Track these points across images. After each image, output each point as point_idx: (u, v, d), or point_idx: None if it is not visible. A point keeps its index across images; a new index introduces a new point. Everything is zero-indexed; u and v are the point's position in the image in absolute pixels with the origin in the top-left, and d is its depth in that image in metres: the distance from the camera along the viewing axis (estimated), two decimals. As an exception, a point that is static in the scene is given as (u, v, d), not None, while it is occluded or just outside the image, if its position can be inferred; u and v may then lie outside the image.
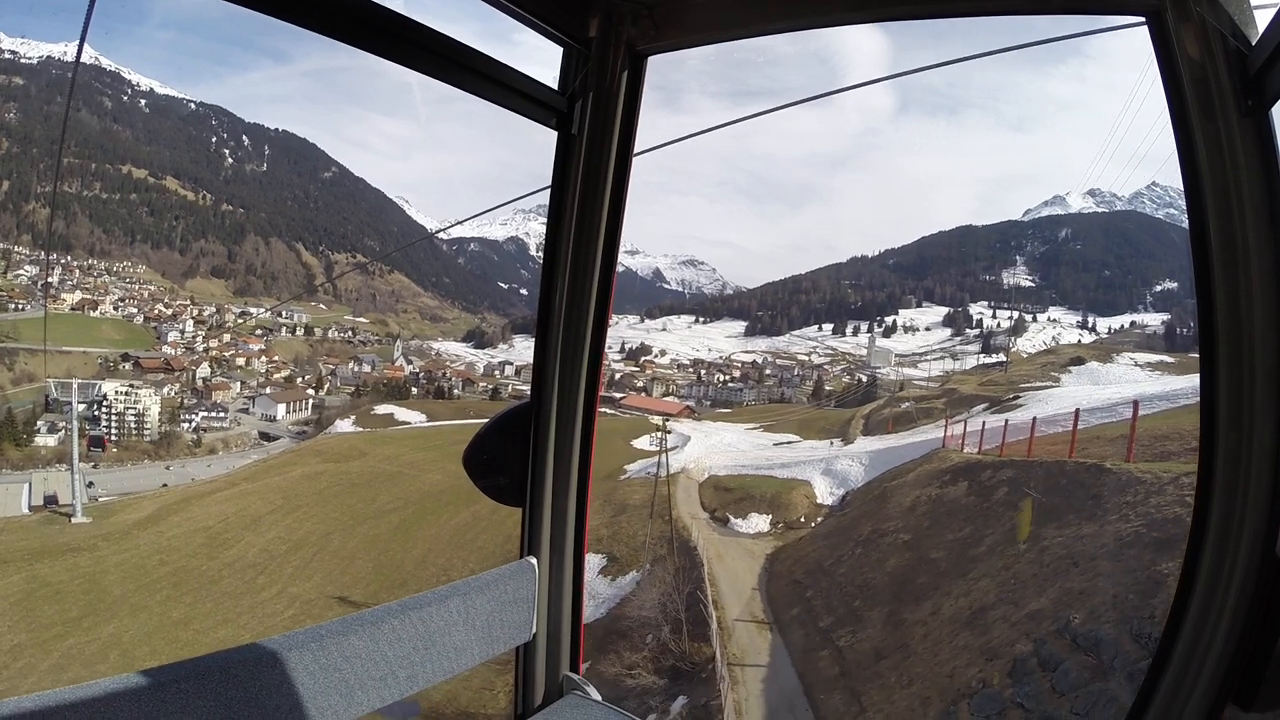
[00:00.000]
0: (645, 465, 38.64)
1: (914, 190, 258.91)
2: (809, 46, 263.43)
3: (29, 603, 27.78)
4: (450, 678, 2.11)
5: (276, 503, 39.22)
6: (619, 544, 27.60)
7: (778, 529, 26.16)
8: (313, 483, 42.53)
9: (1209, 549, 1.59)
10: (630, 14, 2.05)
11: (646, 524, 27.57)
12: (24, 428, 73.54)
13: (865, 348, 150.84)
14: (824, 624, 14.94)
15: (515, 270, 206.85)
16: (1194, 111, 1.46)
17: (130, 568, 31.76)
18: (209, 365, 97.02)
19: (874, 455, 29.88)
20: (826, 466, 30.14)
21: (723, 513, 28.22)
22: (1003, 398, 47.52)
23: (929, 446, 27.91)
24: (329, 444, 55.72)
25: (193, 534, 35.46)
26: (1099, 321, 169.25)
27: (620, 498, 33.13)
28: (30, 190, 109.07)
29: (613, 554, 26.88)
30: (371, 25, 1.63)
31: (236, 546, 34.07)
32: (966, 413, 42.56)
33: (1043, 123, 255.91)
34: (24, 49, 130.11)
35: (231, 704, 1.60)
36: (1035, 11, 1.67)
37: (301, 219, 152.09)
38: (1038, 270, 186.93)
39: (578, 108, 2.13)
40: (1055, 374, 77.65)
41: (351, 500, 38.97)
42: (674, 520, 26.76)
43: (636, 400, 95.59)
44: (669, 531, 25.76)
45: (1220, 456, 1.56)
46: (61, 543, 34.10)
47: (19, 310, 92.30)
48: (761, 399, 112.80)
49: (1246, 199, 1.44)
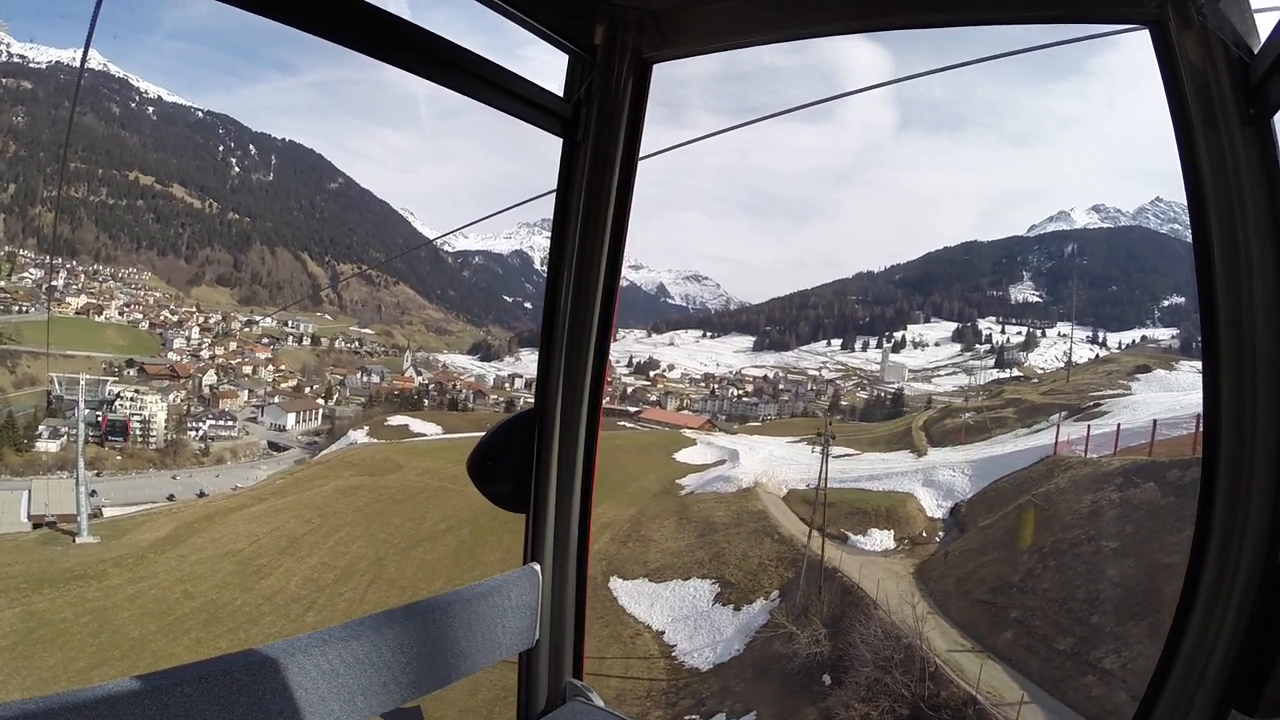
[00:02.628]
0: (703, 479, 36.79)
1: (917, 206, 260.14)
2: (810, 60, 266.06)
3: (25, 648, 22.88)
4: (452, 683, 2.06)
5: (313, 521, 35.53)
6: (727, 566, 25.70)
7: (904, 545, 24.26)
8: (350, 498, 39.13)
9: (1212, 556, 1.59)
10: (636, 22, 2.06)
11: (746, 543, 25.53)
12: (25, 432, 70.78)
13: (875, 363, 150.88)
14: (1063, 646, 12.99)
15: (520, 284, 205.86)
16: (1196, 120, 1.47)
17: (149, 602, 27.30)
18: (215, 373, 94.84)
19: (975, 465, 28.34)
20: (926, 478, 28.54)
21: (837, 529, 26.35)
22: (1081, 405, 46.17)
23: (1036, 454, 26.64)
24: (359, 455, 52.03)
25: (220, 559, 31.26)
26: (1108, 336, 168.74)
27: (699, 515, 31.20)
28: (36, 194, 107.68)
29: (723, 578, 24.98)
30: (379, 32, 1.65)
31: (274, 575, 30.09)
32: (1045, 421, 41.03)
33: (1045, 139, 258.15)
34: (32, 54, 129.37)
35: (234, 708, 1.60)
36: (1037, 21, 1.70)
37: (307, 229, 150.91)
38: (1044, 285, 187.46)
39: (583, 115, 2.13)
40: (1123, 382, 76.45)
41: (397, 519, 35.52)
42: (785, 538, 24.68)
43: (656, 414, 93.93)
44: (786, 552, 23.69)
45: (1223, 465, 1.56)
46: (64, 568, 29.14)
47: (23, 313, 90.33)
48: (783, 414, 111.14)
49: (1249, 206, 1.45)
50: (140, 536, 34.43)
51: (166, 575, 29.41)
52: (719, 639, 23.16)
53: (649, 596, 27.75)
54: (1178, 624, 1.65)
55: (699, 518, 30.62)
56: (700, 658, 23.85)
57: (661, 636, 25.87)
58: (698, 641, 24.44)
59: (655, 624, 26.56)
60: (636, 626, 26.58)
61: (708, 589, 25.69)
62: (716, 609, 24.25)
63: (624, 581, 29.12)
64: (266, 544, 32.64)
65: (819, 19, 1.92)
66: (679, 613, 26.29)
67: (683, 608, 26.45)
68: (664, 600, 27.24)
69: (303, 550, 32.06)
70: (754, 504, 28.28)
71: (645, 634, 26.22)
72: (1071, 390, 69.20)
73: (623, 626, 26.51)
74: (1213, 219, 1.48)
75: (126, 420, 64.75)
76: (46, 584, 27.44)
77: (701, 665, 23.46)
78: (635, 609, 27.37)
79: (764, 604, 23.51)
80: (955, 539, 23.13)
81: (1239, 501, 1.55)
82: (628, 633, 26.29)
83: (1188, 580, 1.65)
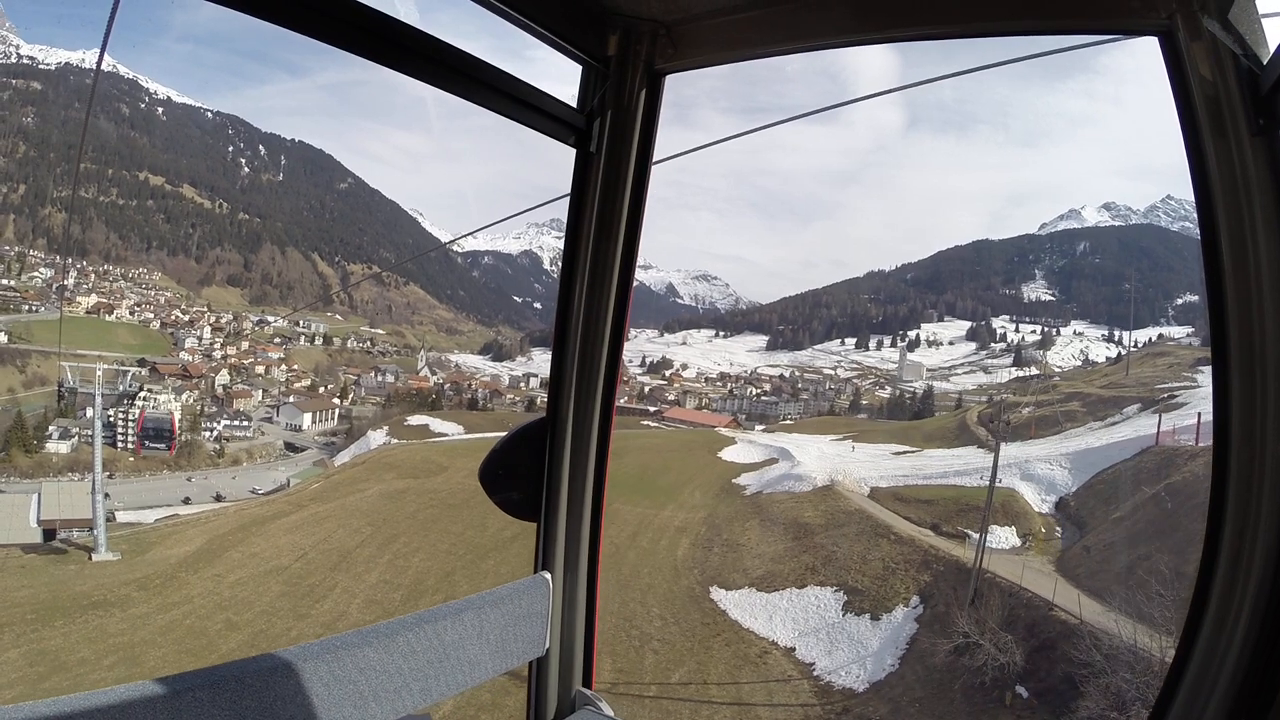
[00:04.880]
0: (764, 479, 35.13)
1: (926, 205, 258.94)
2: (819, 64, 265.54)
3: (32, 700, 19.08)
4: (463, 691, 2.07)
5: (363, 531, 32.24)
6: (847, 572, 23.84)
7: (1029, 541, 22.61)
8: (398, 503, 35.95)
9: (1223, 562, 1.59)
10: (649, 33, 2.08)
11: (857, 545, 23.79)
12: (35, 432, 69.11)
13: (891, 361, 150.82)
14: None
15: (529, 284, 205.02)
16: (1206, 129, 1.47)
17: (185, 635, 22.96)
18: (228, 372, 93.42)
19: (1070, 459, 26.91)
20: (1023, 472, 27.03)
21: (953, 527, 24.70)
22: (1156, 398, 44.96)
23: (1134, 445, 25.36)
24: (398, 457, 48.55)
25: (264, 579, 27.41)
26: (1124, 335, 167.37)
27: (783, 516, 29.29)
28: (47, 194, 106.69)
29: (847, 585, 23.06)
30: (393, 42, 1.67)
31: (331, 597, 26.25)
32: (1119, 414, 39.80)
33: (1052, 138, 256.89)
34: (43, 55, 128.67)
35: (245, 713, 1.61)
36: (1047, 32, 1.72)
37: (318, 229, 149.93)
38: (1057, 284, 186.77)
39: (596, 125, 2.15)
40: (1188, 374, 74.82)
41: (456, 526, 32.22)
42: (904, 538, 22.91)
43: (680, 413, 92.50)
44: (911, 554, 21.92)
45: (1233, 470, 1.56)
46: (80, 593, 24.78)
47: (33, 311, 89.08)
48: (809, 412, 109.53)
49: (1258, 216, 1.45)
50: (167, 552, 30.48)
51: (203, 601, 25.43)
52: (864, 653, 21.19)
53: (763, 608, 25.56)
54: (1189, 631, 1.64)
55: (785, 519, 28.65)
56: (849, 676, 21.74)
57: (793, 654, 23.64)
58: (839, 658, 22.30)
59: (781, 639, 24.35)
60: (760, 644, 24.26)
61: (831, 597, 23.80)
62: (850, 620, 22.31)
63: (728, 592, 26.87)
64: (315, 559, 29.09)
65: (829, 30, 1.91)
66: (806, 626, 24.11)
67: (808, 620, 24.28)
68: (782, 612, 25.05)
69: (358, 565, 28.65)
70: (844, 503, 26.44)
71: (773, 652, 23.95)
72: (1134, 384, 67.57)
73: (745, 644, 24.13)
74: (1222, 229, 1.47)
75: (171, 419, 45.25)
76: (59, 613, 22.97)
77: (854, 685, 21.35)
78: (752, 623, 25.09)
79: (906, 611, 21.68)
80: (1080, 534, 21.90)
81: (1250, 506, 1.53)
82: (753, 651, 23.95)
83: (1199, 586, 1.63)
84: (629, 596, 26.35)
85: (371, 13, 1.58)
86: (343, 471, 46.96)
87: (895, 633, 21.39)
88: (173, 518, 44.94)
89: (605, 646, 23.41)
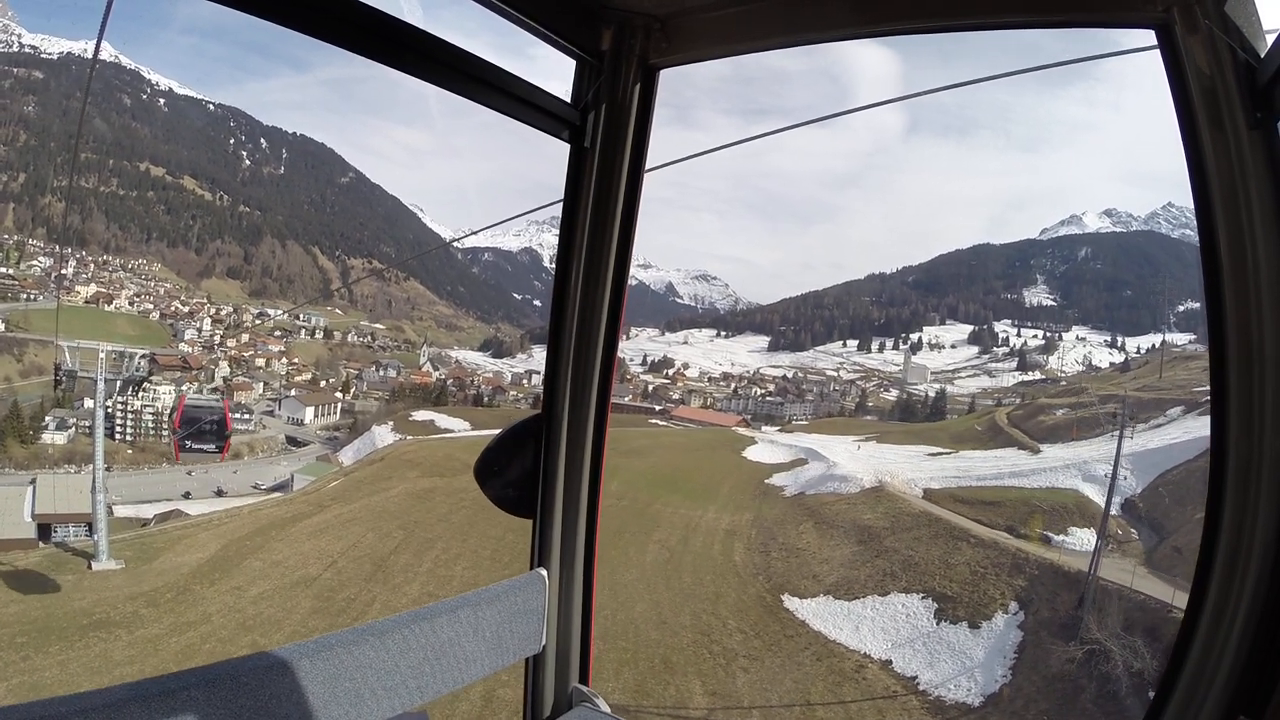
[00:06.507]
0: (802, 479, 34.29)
1: (927, 209, 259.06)
2: (818, 63, 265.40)
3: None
4: (459, 688, 2.03)
5: (395, 535, 29.74)
6: (931, 578, 22.69)
7: (1110, 543, 21.86)
8: (427, 504, 33.51)
9: (1220, 560, 1.60)
10: (643, 27, 2.07)
11: (935, 549, 22.77)
12: (31, 423, 67.83)
13: (893, 364, 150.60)
14: None
15: (529, 281, 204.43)
16: (1203, 123, 1.48)
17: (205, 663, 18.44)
18: (228, 365, 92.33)
19: (1132, 459, 26.18)
20: (1084, 473, 26.31)
21: (1030, 529, 23.94)
22: (1198, 400, 44.60)
23: (1195, 447, 24.68)
24: (418, 453, 45.97)
25: (291, 591, 24.41)
26: (1127, 341, 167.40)
27: (838, 518, 28.03)
28: (47, 183, 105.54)
29: (934, 591, 21.82)
30: (388, 38, 1.67)
31: (370, 613, 23.45)
32: (1162, 416, 39.43)
33: (1052, 143, 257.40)
34: (44, 44, 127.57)
35: (241, 712, 1.61)
36: (1043, 25, 1.72)
37: (318, 223, 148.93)
38: (1058, 289, 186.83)
39: (590, 120, 2.15)
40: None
41: (495, 529, 29.17)
42: (985, 542, 21.90)
43: (690, 412, 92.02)
44: (998, 557, 20.93)
45: (1231, 467, 1.56)
46: (79, 609, 21.25)
47: (31, 300, 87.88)
48: (817, 414, 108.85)
49: (1256, 210, 1.46)
50: (177, 559, 26.79)
51: (223, 620, 21.76)
52: (970, 664, 19.96)
53: (846, 617, 24.16)
54: (1186, 628, 1.64)
55: (842, 522, 27.52)
56: (959, 689, 20.39)
57: (890, 667, 22.22)
58: (943, 670, 20.94)
59: (874, 651, 22.86)
60: (853, 656, 22.81)
61: (920, 605, 22.52)
62: (946, 628, 21.13)
63: (803, 600, 25.41)
64: (347, 568, 26.15)
65: (825, 24, 1.90)
66: (898, 636, 22.68)
67: (899, 629, 22.90)
68: (869, 621, 23.64)
69: (395, 575, 25.86)
70: (903, 505, 25.41)
71: (870, 666, 22.47)
72: (1169, 386, 67.02)
73: (836, 658, 22.54)
74: (1220, 222, 1.48)
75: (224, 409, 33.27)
76: (55, 635, 19.17)
77: (967, 699, 20.05)
78: (838, 634, 23.63)
79: (1007, 618, 20.51)
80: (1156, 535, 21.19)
81: (1248, 504, 1.53)
82: (848, 665, 22.40)
83: (1196, 584, 1.64)
84: (699, 608, 24.83)
85: (368, 10, 1.57)
86: (361, 469, 44.06)
87: (999, 641, 20.25)
88: (175, 514, 43.31)
89: (691, 666, 22.00)
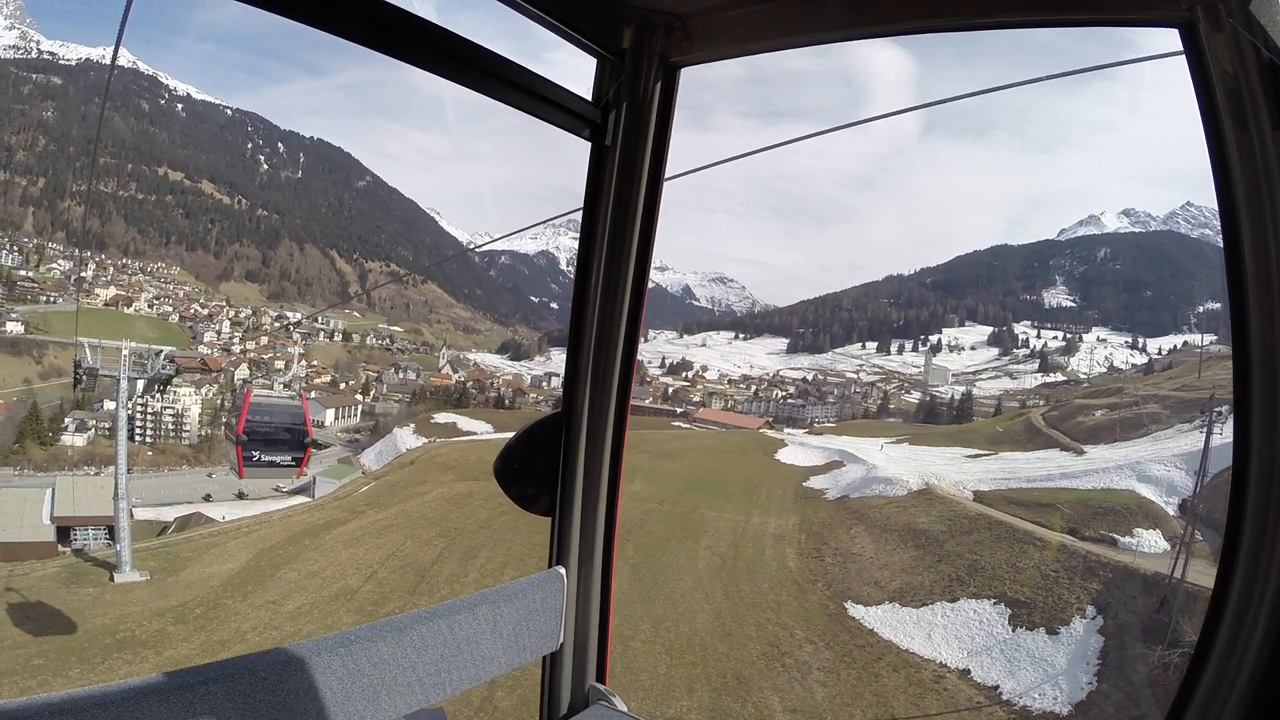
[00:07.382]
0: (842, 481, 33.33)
1: (944, 210, 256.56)
2: (834, 64, 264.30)
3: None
4: (476, 685, 2.04)
5: (435, 543, 28.45)
6: (1001, 582, 21.81)
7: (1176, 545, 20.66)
8: (466, 510, 32.07)
9: (1242, 563, 1.57)
10: (663, 25, 2.06)
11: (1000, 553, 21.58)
12: (50, 424, 67.20)
13: (914, 366, 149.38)
14: None
15: (546, 284, 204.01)
16: (1227, 122, 1.46)
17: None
18: (247, 367, 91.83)
19: (1185, 459, 25.84)
20: (1139, 474, 25.14)
21: (1094, 530, 22.68)
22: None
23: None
24: (451, 456, 44.67)
25: (330, 605, 23.04)
26: (1148, 342, 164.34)
27: (889, 522, 27.09)
28: (66, 188, 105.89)
29: (1006, 596, 20.86)
30: (408, 36, 1.68)
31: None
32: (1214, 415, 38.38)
33: (1070, 143, 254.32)
34: (63, 51, 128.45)
35: (259, 707, 1.61)
36: (1064, 24, 1.69)
37: (336, 226, 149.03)
38: (1078, 290, 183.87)
39: (611, 118, 2.14)
40: None
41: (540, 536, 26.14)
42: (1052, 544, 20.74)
43: (712, 414, 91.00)
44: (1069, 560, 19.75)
45: (1254, 470, 1.54)
46: (100, 626, 19.63)
47: (50, 302, 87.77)
48: (841, 416, 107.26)
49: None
50: (205, 570, 25.50)
51: (259, 638, 20.26)
52: (1053, 672, 19.00)
53: (917, 625, 23.23)
54: (1206, 632, 1.62)
55: (894, 525, 26.60)
56: (1045, 699, 19.50)
57: (969, 676, 21.33)
58: (1025, 679, 19.95)
59: (950, 660, 21.96)
60: (929, 666, 21.88)
61: (992, 611, 21.59)
62: (1022, 635, 20.21)
63: (868, 608, 24.46)
64: (388, 579, 24.73)
65: (844, 23, 1.89)
66: (974, 644, 21.75)
67: (974, 637, 21.99)
68: (940, 629, 22.69)
69: (440, 587, 24.31)
70: (957, 508, 24.26)
71: (948, 675, 21.54)
72: (1209, 386, 65.19)
73: (913, 668, 21.59)
74: (1244, 223, 1.46)
75: (302, 408, 20.46)
76: (75, 657, 17.69)
77: (1055, 708, 19.11)
78: (910, 643, 22.72)
79: (1086, 624, 19.62)
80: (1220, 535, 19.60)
81: (1271, 507, 1.50)
82: (925, 675, 21.51)
83: (1217, 587, 1.62)
84: (763, 617, 23.73)
85: (388, 8, 1.58)
86: (392, 472, 42.85)
87: (1081, 647, 19.28)
88: (196, 518, 41.94)
89: (765, 681, 20.95)
